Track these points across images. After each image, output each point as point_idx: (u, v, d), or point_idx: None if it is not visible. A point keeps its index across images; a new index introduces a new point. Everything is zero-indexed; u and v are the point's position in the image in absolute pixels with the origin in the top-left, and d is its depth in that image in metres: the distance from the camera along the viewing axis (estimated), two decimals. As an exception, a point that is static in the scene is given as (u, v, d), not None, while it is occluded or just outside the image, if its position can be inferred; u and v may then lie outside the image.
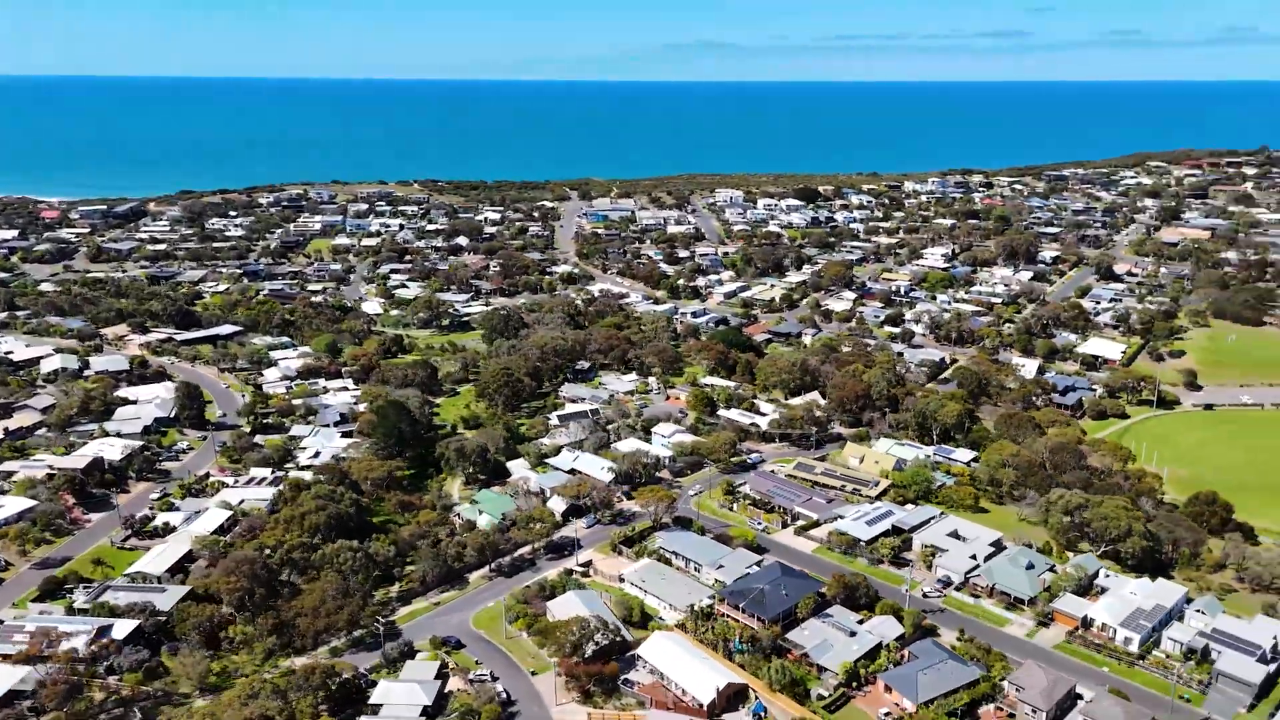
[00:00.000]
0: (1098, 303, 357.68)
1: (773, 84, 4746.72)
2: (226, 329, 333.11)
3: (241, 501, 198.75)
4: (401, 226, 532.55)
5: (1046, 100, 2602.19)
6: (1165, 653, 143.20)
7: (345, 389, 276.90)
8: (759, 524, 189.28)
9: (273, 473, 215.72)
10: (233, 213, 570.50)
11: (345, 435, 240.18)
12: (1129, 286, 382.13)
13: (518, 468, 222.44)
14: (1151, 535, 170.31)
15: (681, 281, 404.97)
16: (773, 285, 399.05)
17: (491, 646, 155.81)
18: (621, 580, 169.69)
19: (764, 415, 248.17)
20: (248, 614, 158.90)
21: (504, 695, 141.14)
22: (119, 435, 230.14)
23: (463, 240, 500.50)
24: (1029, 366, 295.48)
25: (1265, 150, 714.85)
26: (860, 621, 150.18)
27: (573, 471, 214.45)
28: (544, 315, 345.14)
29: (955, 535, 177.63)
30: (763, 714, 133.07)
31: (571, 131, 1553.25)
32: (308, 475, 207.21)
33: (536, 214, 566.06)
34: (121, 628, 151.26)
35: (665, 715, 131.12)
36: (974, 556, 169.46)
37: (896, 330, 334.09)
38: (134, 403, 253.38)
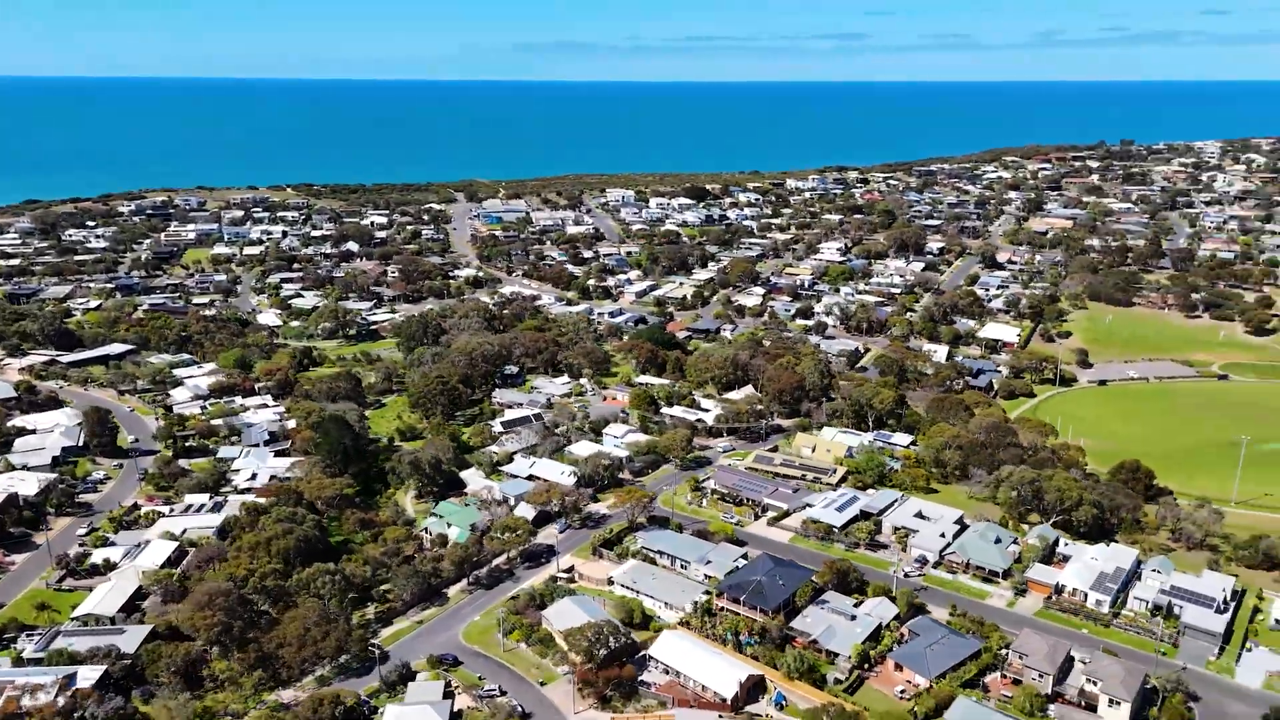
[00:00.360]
0: (987, 290, 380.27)
1: (631, 84, 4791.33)
2: (116, 348, 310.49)
3: (184, 531, 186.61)
4: (285, 234, 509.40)
5: (888, 100, 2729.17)
6: (1134, 611, 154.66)
7: (265, 406, 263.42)
8: (732, 518, 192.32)
9: (211, 498, 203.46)
10: (91, 223, 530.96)
11: (279, 455, 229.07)
12: (1012, 274, 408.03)
13: (471, 477, 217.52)
14: (1097, 503, 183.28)
15: (592, 282, 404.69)
16: (681, 283, 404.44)
17: (490, 661, 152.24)
18: (611, 583, 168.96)
19: (706, 411, 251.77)
20: (221, 648, 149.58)
21: (519, 709, 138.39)
22: (26, 468, 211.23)
23: (353, 246, 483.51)
24: (939, 352, 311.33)
25: (1103, 145, 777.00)
26: (855, 605, 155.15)
27: (531, 478, 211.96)
28: (460, 320, 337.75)
29: (920, 516, 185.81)
30: (783, 703, 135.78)
31: (438, 132, 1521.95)
32: (253, 499, 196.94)
33: (426, 217, 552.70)
34: (86, 675, 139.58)
35: (693, 713, 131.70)
36: (943, 535, 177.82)
37: (810, 323, 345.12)
38: (33, 432, 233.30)
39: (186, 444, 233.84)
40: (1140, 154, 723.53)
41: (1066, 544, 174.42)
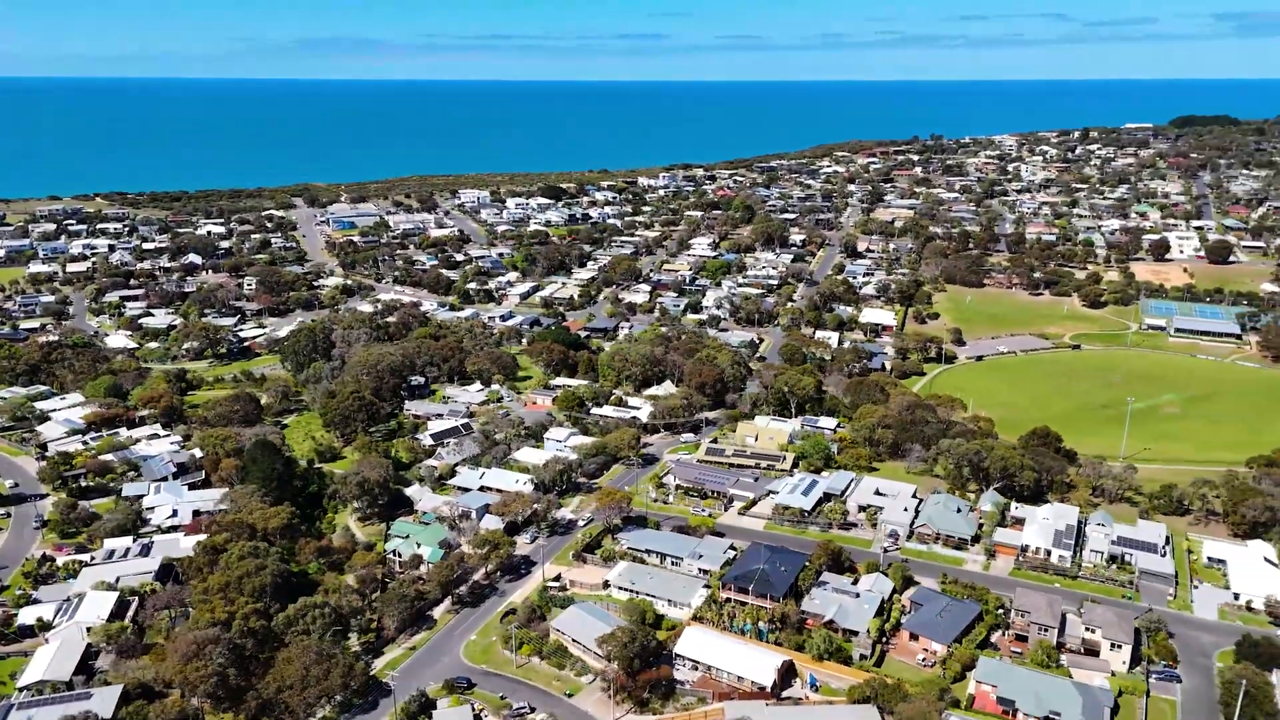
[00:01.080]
0: (855, 277, 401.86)
1: (431, 82, 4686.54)
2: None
3: (119, 579, 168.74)
4: (112, 248, 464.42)
5: (695, 99, 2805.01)
6: (1093, 563, 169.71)
7: (156, 436, 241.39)
8: (704, 510, 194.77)
9: (134, 541, 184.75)
10: None
11: (193, 487, 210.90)
12: (875, 262, 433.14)
13: (418, 494, 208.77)
14: (1035, 468, 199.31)
15: (472, 285, 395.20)
16: (564, 283, 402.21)
17: (504, 679, 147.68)
18: (606, 586, 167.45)
19: (637, 409, 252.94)
20: (214, 700, 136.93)
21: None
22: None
23: (196, 258, 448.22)
24: (833, 339, 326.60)
25: (918, 139, 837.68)
26: (853, 583, 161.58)
27: (484, 489, 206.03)
28: (346, 332, 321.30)
29: (879, 493, 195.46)
30: (816, 684, 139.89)
31: (231, 134, 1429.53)
32: (185, 538, 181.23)
33: (270, 224, 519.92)
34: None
35: (741, 704, 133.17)
36: (906, 509, 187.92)
37: (702, 317, 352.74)
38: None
39: (79, 484, 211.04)
40: (951, 147, 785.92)
41: (1017, 507, 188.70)
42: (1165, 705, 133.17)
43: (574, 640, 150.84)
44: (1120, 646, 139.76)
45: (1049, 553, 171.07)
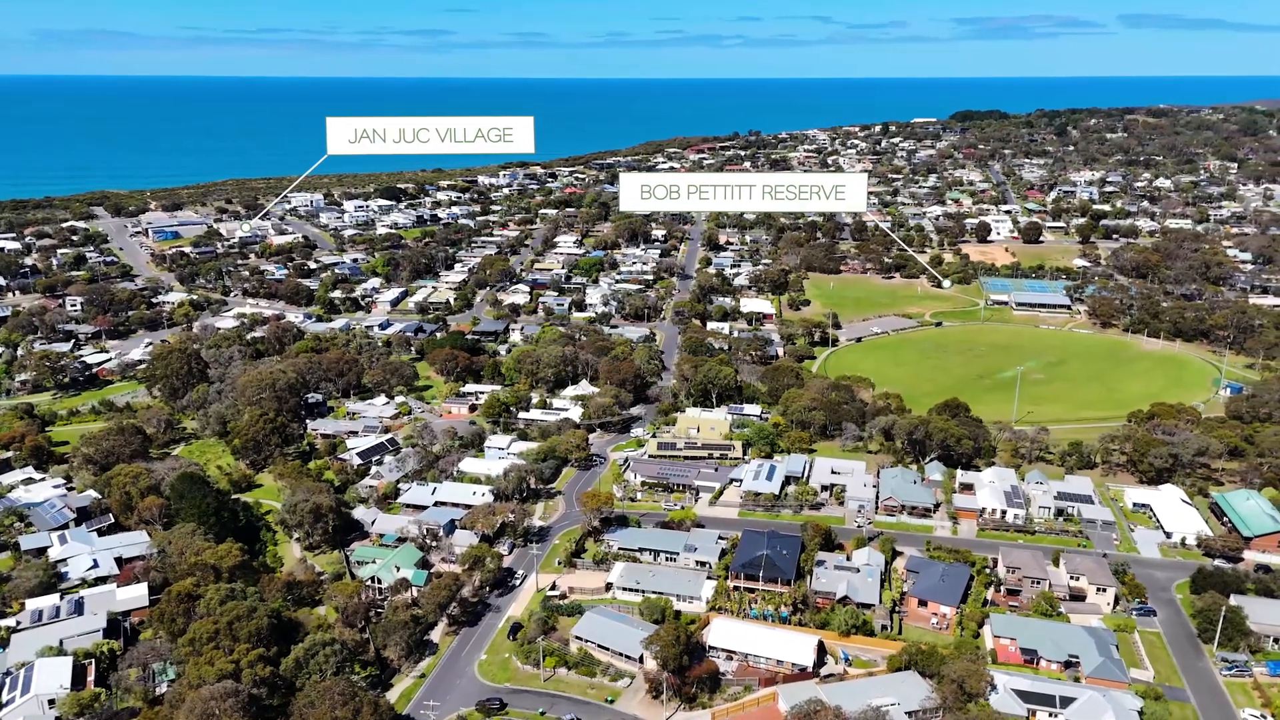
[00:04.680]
0: (724, 269, 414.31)
1: (197, 78, 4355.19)
2: None
3: (62, 642, 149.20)
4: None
5: (482, 95, 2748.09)
6: (1043, 518, 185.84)
7: (32, 480, 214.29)
8: (677, 504, 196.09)
9: (62, 597, 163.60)
10: None
11: (102, 533, 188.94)
12: (738, 254, 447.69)
13: (368, 516, 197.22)
14: (970, 437, 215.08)
15: (337, 294, 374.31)
16: (435, 287, 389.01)
17: (536, 694, 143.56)
18: (609, 589, 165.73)
19: (566, 410, 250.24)
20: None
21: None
22: None
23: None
24: (724, 329, 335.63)
25: (738, 135, 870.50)
26: (847, 559, 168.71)
27: (439, 504, 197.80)
28: (217, 351, 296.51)
29: (835, 472, 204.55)
30: (849, 659, 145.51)
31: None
32: (120, 589, 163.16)
33: (76, 237, 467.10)
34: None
35: (793, 686, 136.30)
36: (866, 485, 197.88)
37: (591, 315, 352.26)
38: None
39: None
40: (772, 142, 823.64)
41: (961, 474, 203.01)
42: (1153, 637, 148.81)
43: (600, 646, 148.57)
44: (1105, 589, 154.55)
45: (1004, 512, 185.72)
